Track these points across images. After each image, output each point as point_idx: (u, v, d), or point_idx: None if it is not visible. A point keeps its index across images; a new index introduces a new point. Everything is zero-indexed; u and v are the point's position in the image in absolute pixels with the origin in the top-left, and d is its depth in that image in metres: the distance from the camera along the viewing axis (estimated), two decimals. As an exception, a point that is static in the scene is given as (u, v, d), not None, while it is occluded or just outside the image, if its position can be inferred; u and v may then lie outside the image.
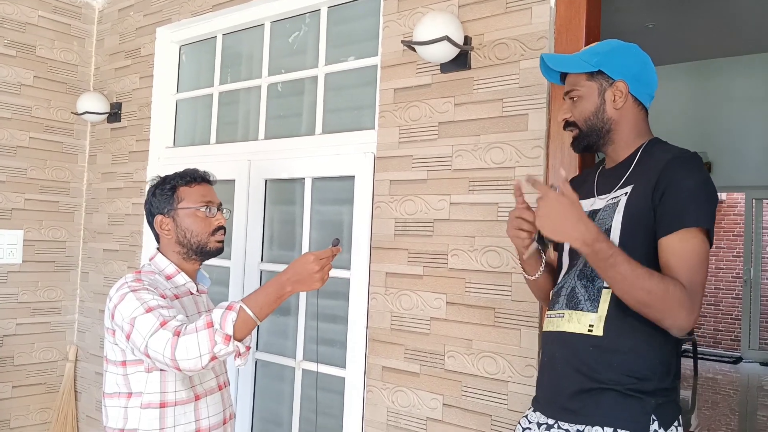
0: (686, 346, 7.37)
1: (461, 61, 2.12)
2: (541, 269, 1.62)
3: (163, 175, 1.85)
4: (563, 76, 1.61)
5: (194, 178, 1.82)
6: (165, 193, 1.78)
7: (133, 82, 3.42)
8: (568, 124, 1.56)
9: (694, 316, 1.29)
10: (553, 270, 1.66)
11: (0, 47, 3.32)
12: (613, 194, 1.47)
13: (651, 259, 1.36)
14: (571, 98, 1.54)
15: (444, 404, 2.11)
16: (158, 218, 1.78)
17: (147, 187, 1.86)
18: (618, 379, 1.36)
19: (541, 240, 1.58)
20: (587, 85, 1.50)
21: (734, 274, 9.07)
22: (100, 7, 3.69)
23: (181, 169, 1.85)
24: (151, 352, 1.49)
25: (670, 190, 1.34)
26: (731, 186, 7.61)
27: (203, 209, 1.78)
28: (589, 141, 1.53)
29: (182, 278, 1.79)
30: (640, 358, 1.36)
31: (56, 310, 3.55)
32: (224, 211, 1.85)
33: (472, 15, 2.13)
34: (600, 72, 1.49)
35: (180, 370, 1.48)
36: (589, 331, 1.40)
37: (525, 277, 1.66)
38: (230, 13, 2.99)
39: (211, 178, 1.87)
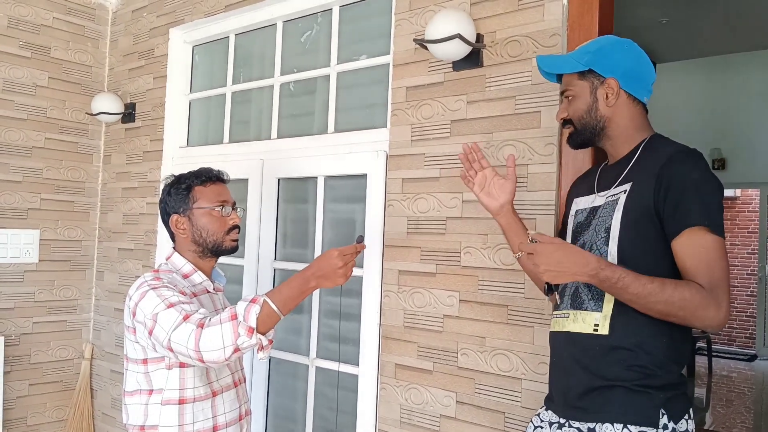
0: (701, 344, 7.31)
1: (473, 58, 2.12)
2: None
3: (177, 174, 1.87)
4: (560, 76, 1.63)
5: (209, 177, 1.83)
6: (180, 192, 1.80)
7: (146, 82, 3.45)
8: (565, 123, 1.59)
9: (723, 312, 1.29)
10: None
11: (15, 49, 3.36)
12: (612, 191, 1.48)
13: (656, 257, 1.38)
14: (566, 97, 1.57)
15: (457, 401, 2.11)
16: (174, 218, 1.80)
17: (162, 186, 1.88)
18: (626, 376, 1.38)
19: (549, 286, 1.59)
20: (579, 84, 1.53)
21: (749, 271, 8.99)
22: (114, 8, 3.72)
23: (196, 168, 1.87)
24: (174, 345, 1.51)
25: (671, 190, 1.35)
26: (746, 182, 7.55)
27: (218, 209, 1.79)
28: (583, 138, 1.56)
29: (199, 277, 1.81)
30: (647, 354, 1.37)
31: (72, 308, 3.59)
32: (238, 210, 1.86)
33: (484, 12, 2.13)
34: (591, 71, 1.51)
35: (203, 362, 1.49)
36: (595, 330, 1.42)
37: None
38: (243, 14, 3.01)
39: (225, 177, 1.89)
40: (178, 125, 3.35)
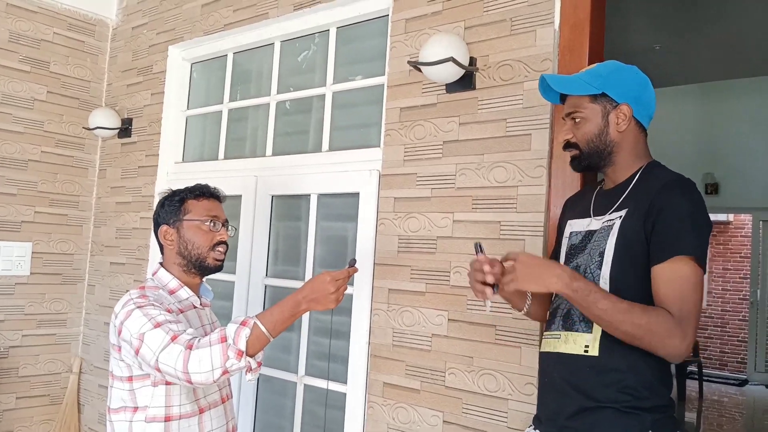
0: (692, 368, 7.31)
1: (466, 81, 2.15)
2: (528, 302, 1.64)
3: (174, 188, 1.88)
4: (563, 97, 1.61)
5: (203, 192, 1.84)
6: (173, 204, 1.81)
7: (144, 98, 3.47)
8: (568, 145, 1.56)
9: (687, 343, 1.31)
10: (547, 296, 1.67)
11: (15, 63, 3.39)
12: (608, 216, 1.49)
13: (644, 284, 1.38)
14: (573, 119, 1.54)
15: (444, 421, 2.12)
16: (163, 228, 1.81)
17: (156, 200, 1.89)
18: (615, 397, 1.38)
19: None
20: (591, 108, 1.51)
21: (741, 296, 9.01)
22: (114, 24, 3.76)
23: (192, 184, 1.88)
24: (162, 365, 1.50)
25: (661, 218, 1.36)
26: (738, 207, 7.60)
27: (207, 223, 1.80)
28: (590, 162, 1.54)
29: (185, 292, 1.81)
30: (637, 376, 1.38)
31: (62, 322, 3.58)
32: (229, 228, 1.86)
33: (477, 37, 2.17)
34: (603, 94, 1.49)
35: (191, 383, 1.49)
36: (585, 351, 1.43)
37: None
38: (241, 33, 3.05)
39: (221, 195, 1.89)
40: (174, 141, 3.37)
